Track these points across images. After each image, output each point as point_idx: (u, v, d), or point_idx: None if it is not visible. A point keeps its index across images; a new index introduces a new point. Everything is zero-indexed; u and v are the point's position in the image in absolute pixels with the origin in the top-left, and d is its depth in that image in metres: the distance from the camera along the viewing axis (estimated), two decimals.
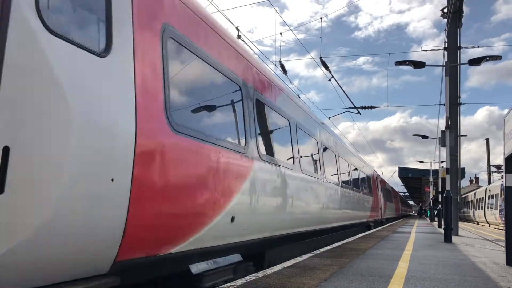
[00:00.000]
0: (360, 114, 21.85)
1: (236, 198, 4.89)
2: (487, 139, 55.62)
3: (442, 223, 14.65)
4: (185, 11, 4.22)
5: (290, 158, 7.23)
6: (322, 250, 7.94)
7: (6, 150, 2.36)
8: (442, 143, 13.67)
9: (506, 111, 7.12)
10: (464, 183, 59.50)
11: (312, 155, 9.07)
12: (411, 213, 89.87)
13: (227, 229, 4.80)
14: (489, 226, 28.46)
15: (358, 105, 21.35)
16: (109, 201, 2.95)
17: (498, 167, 52.76)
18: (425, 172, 39.55)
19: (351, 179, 13.70)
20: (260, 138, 5.91)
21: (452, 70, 15.40)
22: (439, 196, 26.13)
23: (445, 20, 17.28)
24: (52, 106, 2.58)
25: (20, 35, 2.46)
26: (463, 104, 17.78)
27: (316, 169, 9.08)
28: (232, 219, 4.84)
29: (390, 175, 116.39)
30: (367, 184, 17.62)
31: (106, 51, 3.05)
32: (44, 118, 2.54)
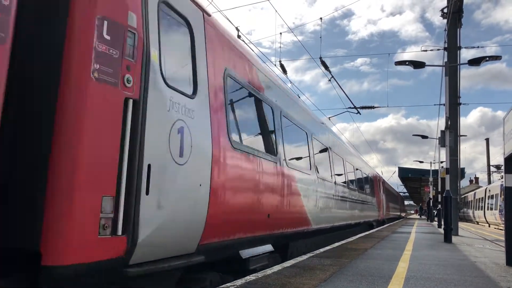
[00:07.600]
0: (360, 114, 21.78)
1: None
2: (487, 139, 55.68)
3: (442, 223, 14.65)
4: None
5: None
6: (322, 250, 7.93)
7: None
8: (442, 143, 13.64)
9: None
10: (464, 183, 59.51)
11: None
12: (403, 214, 74.37)
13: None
14: (489, 226, 28.47)
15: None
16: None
17: (497, 167, 52.74)
18: (425, 172, 39.50)
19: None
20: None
21: (451, 70, 15.39)
22: (439, 196, 26.12)
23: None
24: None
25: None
26: (463, 104, 17.66)
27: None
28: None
29: (389, 175, 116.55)
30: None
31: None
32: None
